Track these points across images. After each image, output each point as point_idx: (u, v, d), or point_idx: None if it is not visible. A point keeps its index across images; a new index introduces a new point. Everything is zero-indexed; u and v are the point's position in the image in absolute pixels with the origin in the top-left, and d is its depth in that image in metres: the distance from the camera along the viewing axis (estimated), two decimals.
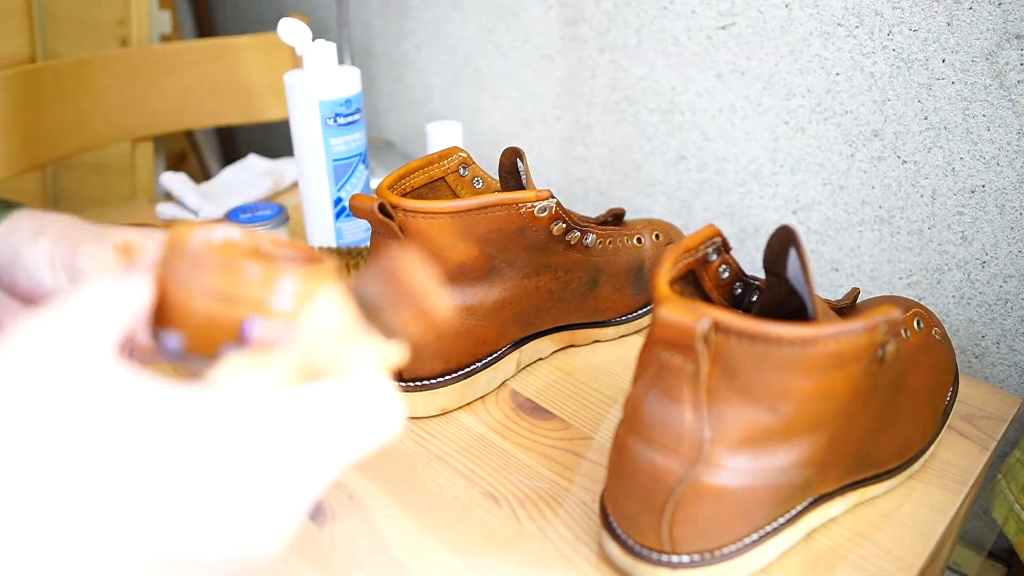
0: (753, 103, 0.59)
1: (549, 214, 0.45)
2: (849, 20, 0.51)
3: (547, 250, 0.47)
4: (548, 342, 0.52)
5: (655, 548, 0.33)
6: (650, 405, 0.31)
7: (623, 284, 0.53)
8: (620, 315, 0.54)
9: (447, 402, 0.46)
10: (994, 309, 0.51)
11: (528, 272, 0.47)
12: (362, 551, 0.37)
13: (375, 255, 0.44)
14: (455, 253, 0.43)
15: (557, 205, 0.45)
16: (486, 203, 0.42)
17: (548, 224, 0.45)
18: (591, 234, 0.49)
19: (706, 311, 0.29)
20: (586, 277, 0.50)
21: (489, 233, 0.43)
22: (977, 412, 0.47)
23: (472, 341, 0.46)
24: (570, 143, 0.76)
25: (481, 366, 0.47)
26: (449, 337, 0.45)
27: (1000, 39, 0.45)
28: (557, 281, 0.49)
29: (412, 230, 0.42)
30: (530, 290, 0.47)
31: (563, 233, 0.47)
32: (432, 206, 0.41)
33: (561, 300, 0.49)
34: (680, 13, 0.61)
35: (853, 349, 0.30)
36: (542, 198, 0.44)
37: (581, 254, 0.49)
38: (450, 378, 0.46)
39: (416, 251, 0.37)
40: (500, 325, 0.47)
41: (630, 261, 0.53)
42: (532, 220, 0.44)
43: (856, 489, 0.38)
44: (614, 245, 0.52)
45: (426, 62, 0.90)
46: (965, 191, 0.50)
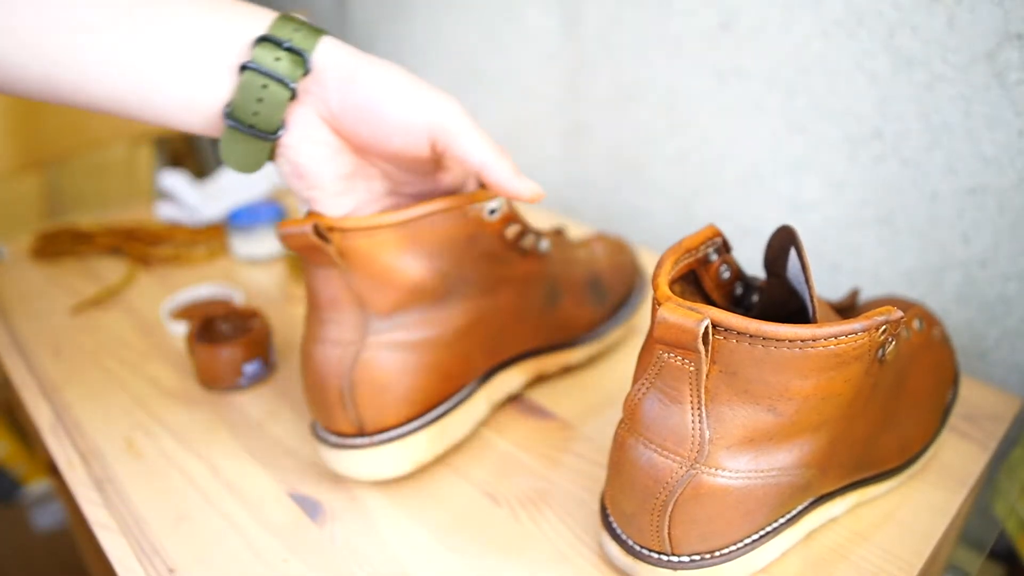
0: (753, 103, 0.59)
1: (501, 216, 0.41)
2: (849, 20, 0.51)
3: (502, 260, 0.42)
4: (516, 374, 0.47)
5: (655, 548, 0.33)
6: (650, 405, 0.31)
7: (582, 297, 0.49)
8: (584, 331, 0.50)
9: (420, 453, 0.40)
10: (994, 309, 0.51)
11: (486, 288, 0.42)
12: (362, 551, 0.37)
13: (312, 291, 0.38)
14: (405, 274, 0.38)
15: (508, 206, 0.41)
16: (430, 209, 0.38)
17: (501, 228, 0.41)
18: (544, 239, 0.45)
19: (706, 311, 0.29)
20: (544, 290, 0.46)
21: (438, 245, 0.39)
22: (977, 412, 0.47)
23: (439, 377, 0.40)
24: (570, 143, 0.76)
25: (452, 405, 0.42)
26: (414, 377, 0.39)
27: (1000, 39, 0.45)
28: (517, 296, 0.44)
29: (352, 253, 0.37)
30: (490, 310, 0.42)
31: (517, 238, 0.42)
32: (372, 220, 0.36)
33: (521, 319, 0.45)
34: (680, 13, 0.61)
35: (853, 349, 0.30)
36: (491, 196, 0.40)
37: (537, 264, 0.45)
38: (421, 423, 0.40)
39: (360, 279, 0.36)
40: (465, 356, 0.41)
41: (586, 272, 0.50)
42: (482, 226, 0.40)
43: (856, 489, 0.38)
44: (567, 255, 0.48)
45: (426, 62, 0.90)
46: (965, 191, 0.50)
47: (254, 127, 0.34)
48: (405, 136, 0.35)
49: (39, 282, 0.64)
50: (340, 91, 0.34)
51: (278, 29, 0.34)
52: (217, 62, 0.33)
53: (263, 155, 0.35)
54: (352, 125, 0.35)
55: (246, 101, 0.33)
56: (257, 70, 0.33)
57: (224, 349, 0.48)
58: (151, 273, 0.66)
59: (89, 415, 0.47)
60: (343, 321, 0.38)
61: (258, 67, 0.33)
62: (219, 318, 0.52)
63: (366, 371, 0.38)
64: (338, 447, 0.39)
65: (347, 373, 0.38)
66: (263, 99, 0.33)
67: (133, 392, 0.50)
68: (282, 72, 0.33)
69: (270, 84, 0.33)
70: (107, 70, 0.32)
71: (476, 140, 0.36)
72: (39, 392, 0.50)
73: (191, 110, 0.34)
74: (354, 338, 0.38)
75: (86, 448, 0.45)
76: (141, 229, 0.70)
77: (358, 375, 0.38)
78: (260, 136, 0.34)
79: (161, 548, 0.38)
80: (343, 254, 0.36)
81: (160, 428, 0.46)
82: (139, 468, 0.43)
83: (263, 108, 0.34)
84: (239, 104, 0.33)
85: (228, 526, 0.39)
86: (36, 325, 0.58)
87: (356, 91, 0.34)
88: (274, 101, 0.34)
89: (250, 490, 0.41)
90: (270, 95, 0.33)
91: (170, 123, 0.34)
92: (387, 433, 0.39)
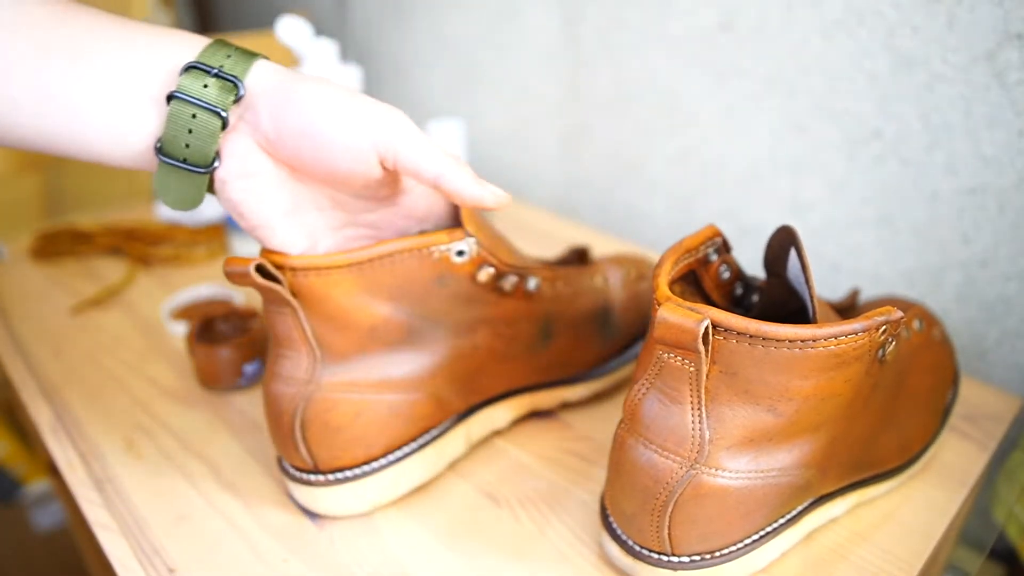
0: (753, 103, 0.59)
1: (470, 259, 0.37)
2: (849, 20, 0.51)
3: (478, 301, 0.38)
4: (502, 410, 0.43)
5: (655, 548, 0.33)
6: (650, 405, 0.31)
7: (586, 333, 0.44)
8: (587, 368, 0.45)
9: (377, 495, 0.38)
10: (994, 309, 0.51)
11: (459, 330, 0.38)
12: (362, 551, 0.37)
13: (269, 325, 0.36)
14: (363, 315, 0.35)
15: (480, 247, 0.37)
16: (389, 250, 0.34)
17: (473, 271, 0.37)
18: (533, 278, 0.40)
19: (706, 311, 0.29)
20: (535, 329, 0.41)
21: (401, 287, 0.35)
22: (977, 412, 0.47)
23: (401, 420, 0.38)
24: (570, 143, 0.76)
25: (414, 448, 0.39)
26: (371, 418, 0.37)
27: (1000, 39, 0.45)
28: (499, 337, 0.40)
29: (305, 293, 0.34)
30: (465, 351, 0.39)
31: (493, 280, 0.38)
32: (329, 259, 0.34)
33: (507, 359, 0.41)
34: (680, 13, 0.61)
35: (853, 349, 0.30)
36: (456, 239, 0.36)
37: (524, 302, 0.40)
38: (377, 466, 0.38)
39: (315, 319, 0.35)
40: (433, 397, 0.38)
41: (593, 305, 0.45)
42: (450, 268, 0.36)
43: (856, 490, 0.38)
44: (570, 288, 0.43)
45: (426, 62, 0.90)
46: (965, 191, 0.50)
47: (186, 160, 0.32)
48: (351, 157, 0.32)
49: (39, 282, 0.64)
50: (274, 116, 0.32)
51: (208, 56, 0.32)
52: (143, 94, 0.31)
53: (200, 191, 0.33)
54: (292, 151, 0.32)
55: (176, 133, 0.31)
56: (184, 99, 0.31)
57: (224, 349, 0.48)
58: (151, 273, 0.66)
59: (89, 415, 0.47)
60: (298, 360, 0.36)
61: (185, 96, 0.31)
62: (219, 318, 0.52)
63: (318, 412, 0.36)
64: (296, 481, 0.38)
65: (300, 412, 0.36)
66: (193, 130, 0.31)
67: (133, 392, 0.50)
68: (211, 100, 0.31)
69: (199, 113, 0.31)
70: (37, 108, 0.31)
71: (427, 150, 0.33)
72: (39, 392, 0.50)
73: (121, 146, 0.32)
74: (308, 377, 0.36)
75: (86, 448, 0.45)
76: (141, 229, 0.70)
77: (310, 415, 0.36)
78: (194, 170, 0.32)
79: (161, 548, 0.38)
80: (296, 293, 0.34)
81: (160, 428, 0.46)
82: (139, 468, 0.43)
83: (194, 140, 0.32)
84: (169, 137, 0.31)
85: (228, 526, 0.39)
86: (36, 325, 0.58)
87: (291, 114, 0.32)
88: (205, 131, 0.31)
89: (250, 490, 0.41)
90: (200, 125, 0.31)
91: (102, 160, 0.33)
92: (341, 473, 0.38)
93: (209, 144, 0.32)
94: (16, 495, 1.01)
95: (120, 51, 0.31)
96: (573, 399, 0.46)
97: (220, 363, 0.48)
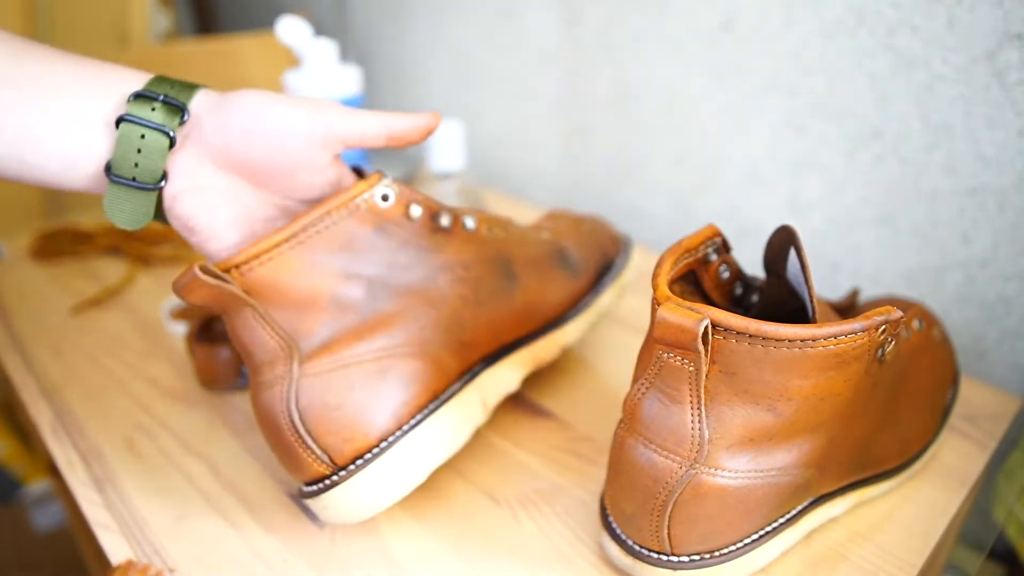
0: (753, 103, 0.59)
1: (397, 200, 0.36)
2: (849, 20, 0.51)
3: (426, 248, 0.38)
4: (506, 368, 0.42)
5: (654, 548, 0.33)
6: (650, 405, 0.31)
7: (549, 271, 0.44)
8: (568, 307, 0.45)
9: (407, 475, 0.36)
10: (994, 309, 0.51)
11: (420, 281, 0.37)
12: (362, 551, 0.37)
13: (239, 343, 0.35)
14: (319, 290, 0.35)
15: (400, 185, 0.37)
16: (318, 214, 0.34)
17: (404, 212, 0.37)
18: (469, 217, 0.40)
19: (706, 311, 0.29)
20: (496, 269, 0.41)
21: (342, 248, 0.35)
22: (977, 412, 0.47)
23: (401, 384, 0.36)
24: (570, 143, 0.76)
25: (425, 414, 0.37)
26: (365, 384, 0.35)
27: (1000, 39, 0.45)
28: (461, 282, 0.39)
29: (259, 287, 0.34)
30: (435, 301, 0.38)
31: (430, 219, 0.38)
32: (262, 243, 0.34)
33: (481, 304, 0.40)
34: (680, 13, 0.61)
35: (853, 349, 0.30)
36: (373, 183, 0.36)
37: (471, 243, 0.40)
38: (392, 440, 0.35)
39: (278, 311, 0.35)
40: (425, 356, 0.37)
41: (546, 248, 0.45)
42: (382, 215, 0.36)
43: (856, 489, 0.38)
44: (512, 234, 0.43)
45: (426, 62, 0.90)
46: (965, 191, 0.50)
47: (135, 179, 0.34)
48: (296, 143, 0.34)
49: (39, 282, 0.64)
50: (218, 124, 0.34)
51: (153, 86, 0.35)
52: (93, 118, 0.34)
53: (150, 207, 0.35)
54: (242, 152, 0.35)
55: (125, 153, 0.34)
56: (133, 121, 0.33)
57: (224, 349, 0.48)
58: (151, 273, 0.66)
59: (89, 415, 0.47)
60: (274, 360, 0.35)
61: (134, 118, 0.33)
62: (219, 318, 0.52)
63: (313, 397, 0.34)
64: (320, 492, 0.35)
65: (295, 407, 0.34)
66: (142, 149, 0.34)
67: (133, 392, 0.50)
68: (158, 121, 0.34)
69: (148, 133, 0.34)
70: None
71: (363, 117, 0.35)
72: (39, 392, 0.50)
73: (72, 169, 0.34)
74: (288, 369, 0.35)
75: (86, 448, 0.45)
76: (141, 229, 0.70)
77: (305, 404, 0.34)
78: (143, 187, 0.34)
79: (161, 548, 0.38)
80: (249, 291, 0.34)
81: (160, 428, 0.46)
82: (139, 468, 0.43)
83: (142, 159, 0.34)
84: (118, 158, 0.34)
85: (228, 526, 0.39)
86: (36, 325, 0.58)
87: (234, 117, 0.34)
88: (153, 150, 0.34)
89: (250, 490, 0.41)
90: (148, 145, 0.34)
91: (53, 184, 0.34)
92: (362, 459, 0.35)
93: (157, 162, 0.34)
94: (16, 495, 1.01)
95: (70, 82, 0.34)
96: (570, 340, 0.45)
97: (220, 363, 0.48)
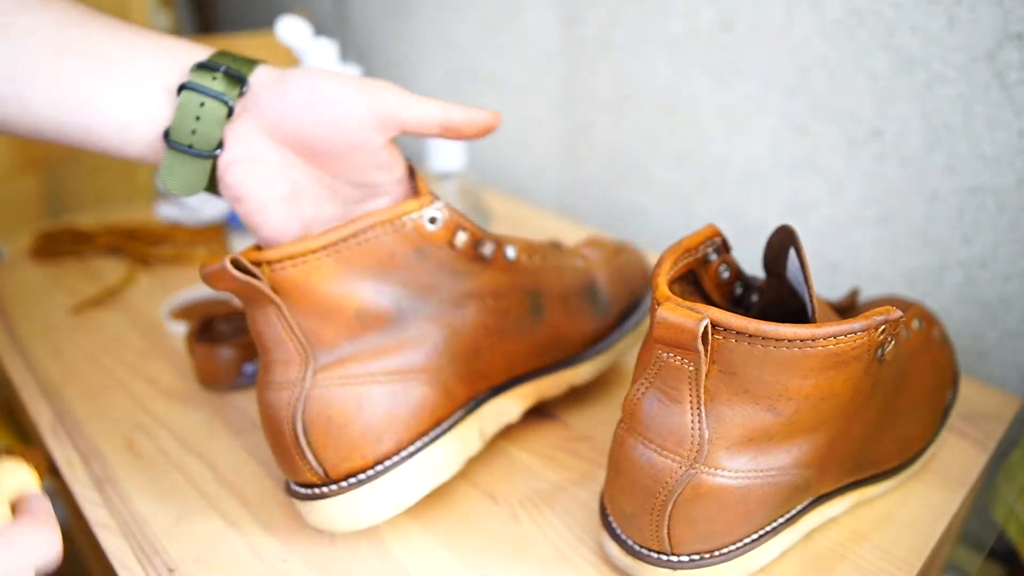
0: (753, 103, 0.59)
1: (444, 224, 0.36)
2: (849, 20, 0.51)
3: (463, 273, 0.37)
4: (511, 401, 0.41)
5: (654, 548, 0.33)
6: (650, 405, 0.31)
7: (576, 307, 0.43)
8: (586, 345, 0.44)
9: (400, 496, 0.36)
10: (994, 309, 0.51)
11: (449, 305, 0.37)
12: (362, 551, 0.37)
13: (255, 334, 0.35)
14: (347, 300, 0.34)
15: (450, 210, 0.36)
16: (360, 227, 0.34)
17: (449, 238, 0.36)
18: (511, 246, 0.39)
19: (706, 311, 0.29)
20: (525, 301, 0.40)
21: (381, 264, 0.35)
22: (977, 412, 0.47)
23: (408, 410, 0.36)
24: (570, 143, 0.76)
25: (426, 442, 0.37)
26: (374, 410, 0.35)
27: (1000, 39, 0.45)
28: (489, 312, 0.38)
29: (286, 286, 0.33)
30: (460, 329, 0.37)
31: (472, 246, 0.37)
32: (300, 246, 0.33)
33: (503, 336, 0.39)
34: (680, 13, 0.61)
35: (853, 349, 0.30)
36: (425, 205, 0.35)
37: (508, 273, 0.39)
38: (390, 465, 0.35)
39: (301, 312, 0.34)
40: (437, 383, 0.37)
41: (578, 281, 0.44)
42: (426, 237, 0.35)
43: (856, 489, 0.38)
44: (550, 263, 0.42)
45: (426, 62, 0.90)
46: (965, 191, 0.50)
47: (192, 147, 0.34)
48: (353, 123, 0.34)
49: (39, 282, 0.64)
50: (277, 95, 0.35)
51: (215, 58, 0.35)
52: (156, 86, 0.34)
53: (203, 175, 0.35)
54: (296, 125, 0.35)
55: (184, 120, 0.34)
56: (195, 89, 0.34)
57: (224, 349, 0.48)
58: (151, 273, 0.66)
59: (89, 415, 0.47)
60: (288, 361, 0.34)
61: (196, 86, 0.34)
62: (219, 318, 0.52)
63: (319, 410, 0.34)
64: (307, 499, 0.36)
65: (299, 416, 0.34)
66: (200, 117, 0.34)
67: (133, 392, 0.50)
68: (218, 89, 0.34)
69: (207, 101, 0.34)
70: (56, 100, 0.33)
71: (423, 102, 0.35)
72: (39, 392, 0.50)
73: (131, 134, 0.34)
74: (301, 377, 0.34)
75: (86, 448, 0.45)
76: (141, 229, 0.70)
77: (310, 416, 0.34)
78: (199, 155, 0.35)
79: (161, 548, 0.38)
80: (276, 288, 0.33)
81: (160, 428, 0.46)
82: (139, 468, 0.43)
83: (201, 126, 0.34)
84: (177, 124, 0.34)
85: (228, 526, 0.39)
86: (36, 325, 0.58)
87: (292, 91, 0.34)
88: (212, 118, 0.34)
89: (250, 490, 0.41)
90: (207, 113, 0.34)
91: (111, 150, 0.35)
92: (354, 478, 0.35)
93: (215, 130, 0.34)
94: None
95: (133, 50, 0.34)
96: (579, 381, 0.45)
97: (220, 363, 0.48)
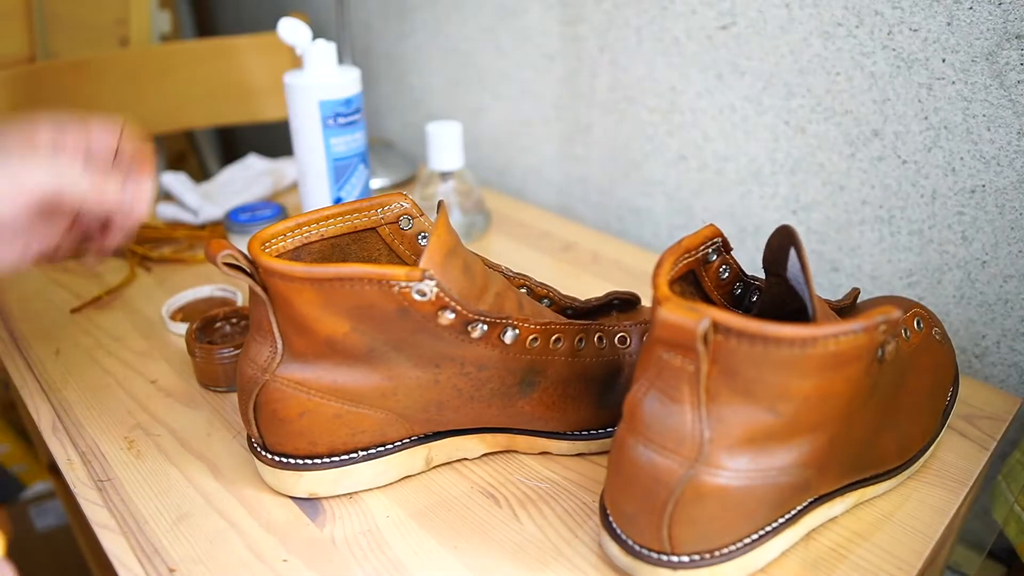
0: (753, 103, 0.59)
1: (430, 301, 0.35)
2: (849, 20, 0.51)
3: (444, 340, 0.36)
4: (474, 442, 0.42)
5: (655, 548, 0.33)
6: (650, 405, 0.31)
7: (579, 394, 0.41)
8: (575, 428, 0.42)
9: (316, 487, 0.40)
10: (994, 309, 0.51)
11: (421, 362, 0.37)
12: (362, 551, 0.37)
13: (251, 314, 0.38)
14: (322, 326, 0.35)
15: (440, 290, 0.35)
16: (346, 274, 0.34)
17: (433, 312, 0.35)
18: (511, 329, 0.37)
19: (706, 311, 0.29)
20: (512, 378, 0.39)
21: (362, 311, 0.35)
22: (977, 412, 0.47)
23: (344, 427, 0.38)
24: (570, 143, 0.76)
25: (362, 457, 0.40)
26: (314, 417, 0.38)
27: (1000, 39, 0.45)
28: (466, 377, 0.38)
29: (272, 291, 0.35)
30: (425, 383, 0.38)
31: (461, 324, 0.36)
32: (289, 268, 0.34)
33: (475, 400, 0.39)
34: (680, 13, 0.61)
35: (853, 349, 0.30)
36: (413, 279, 0.34)
37: (499, 350, 0.38)
38: (317, 463, 0.39)
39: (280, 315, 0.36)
40: (384, 416, 0.39)
41: (597, 369, 0.41)
42: (412, 303, 0.35)
43: (856, 489, 0.38)
44: (566, 344, 0.40)
45: (426, 62, 0.90)
46: (965, 191, 0.50)
47: None
48: None
49: (39, 282, 0.64)
50: None
51: None
52: None
53: None
54: None
55: None
56: None
57: (224, 349, 0.48)
58: (151, 273, 0.66)
59: (89, 415, 0.47)
60: (263, 346, 0.37)
61: None
62: (219, 318, 0.52)
63: (268, 401, 0.38)
64: (250, 450, 0.41)
65: (255, 395, 0.38)
66: None
67: (133, 392, 0.50)
68: None
69: None
70: None
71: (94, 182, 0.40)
72: (39, 392, 0.50)
73: None
74: (266, 366, 0.37)
75: (86, 448, 0.45)
76: (141, 229, 0.70)
77: (262, 401, 0.38)
78: None
79: (161, 548, 0.38)
80: (267, 288, 0.36)
81: (160, 428, 0.46)
82: (139, 468, 0.43)
83: None
84: None
85: (228, 526, 0.39)
86: (36, 325, 0.58)
87: None
88: None
89: (250, 490, 0.41)
90: None
91: None
92: (284, 458, 0.39)
93: None
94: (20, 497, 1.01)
95: None
96: (556, 452, 0.43)
97: (220, 363, 0.48)
